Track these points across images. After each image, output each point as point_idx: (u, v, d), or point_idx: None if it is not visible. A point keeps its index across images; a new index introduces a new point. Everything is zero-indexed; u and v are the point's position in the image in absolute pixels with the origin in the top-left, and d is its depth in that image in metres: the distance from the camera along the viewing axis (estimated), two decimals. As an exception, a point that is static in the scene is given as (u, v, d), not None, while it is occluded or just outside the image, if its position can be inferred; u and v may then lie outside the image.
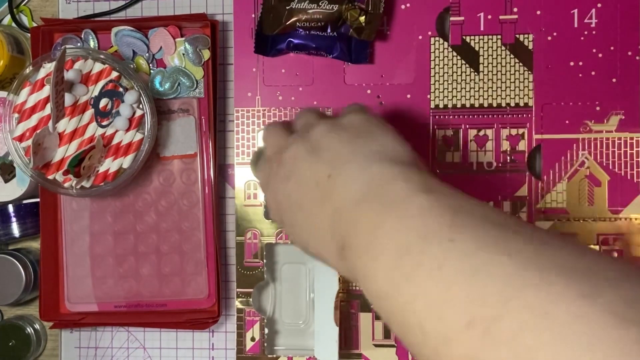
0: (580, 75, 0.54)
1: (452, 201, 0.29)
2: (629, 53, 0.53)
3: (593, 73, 0.54)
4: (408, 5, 0.55)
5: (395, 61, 0.55)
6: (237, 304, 0.55)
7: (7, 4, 0.61)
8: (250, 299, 0.55)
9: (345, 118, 0.39)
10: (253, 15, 0.56)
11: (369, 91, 0.55)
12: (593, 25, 0.54)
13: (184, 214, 0.58)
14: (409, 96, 0.55)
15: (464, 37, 0.55)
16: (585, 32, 0.54)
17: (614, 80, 0.53)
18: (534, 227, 0.28)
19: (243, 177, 0.56)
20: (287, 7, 0.53)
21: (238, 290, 0.55)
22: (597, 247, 0.52)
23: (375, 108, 0.55)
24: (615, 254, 0.52)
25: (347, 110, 0.42)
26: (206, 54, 0.57)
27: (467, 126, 0.55)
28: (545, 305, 0.22)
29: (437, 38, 0.55)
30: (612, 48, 0.53)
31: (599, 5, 0.53)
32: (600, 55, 0.53)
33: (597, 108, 0.54)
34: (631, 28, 0.53)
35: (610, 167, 0.54)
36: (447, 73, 0.55)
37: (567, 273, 0.23)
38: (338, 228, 0.33)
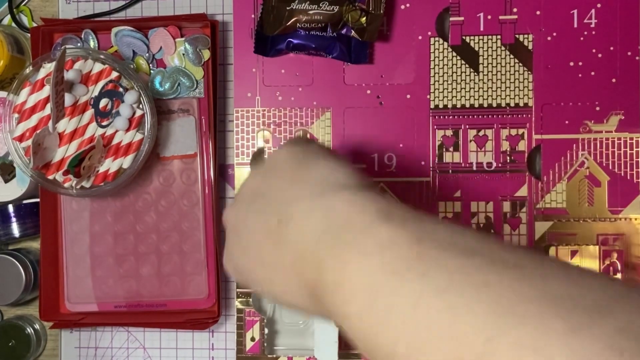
0: (580, 75, 0.54)
1: (414, 226, 0.27)
2: (629, 53, 0.53)
3: (593, 73, 0.54)
4: (408, 5, 0.55)
5: (395, 61, 0.55)
6: (237, 304, 0.55)
7: (7, 4, 0.61)
8: (250, 299, 0.55)
9: (278, 154, 0.37)
10: (253, 16, 0.56)
11: (368, 91, 0.55)
12: (593, 25, 0.54)
13: (184, 214, 0.58)
14: (408, 96, 0.55)
15: (463, 37, 0.55)
16: (585, 33, 0.54)
17: (613, 80, 0.53)
18: (500, 245, 0.25)
19: (243, 177, 0.56)
20: (288, 8, 0.53)
21: (238, 290, 0.55)
22: (596, 247, 0.52)
23: (375, 108, 0.55)
24: (616, 255, 0.52)
25: (279, 146, 0.40)
26: (206, 54, 0.57)
27: (467, 126, 0.55)
28: (535, 342, 0.20)
29: (436, 38, 0.55)
30: (611, 48, 0.53)
31: (599, 5, 0.53)
32: (600, 55, 0.54)
33: (597, 108, 0.54)
34: (631, 28, 0.53)
35: (610, 168, 0.54)
36: (447, 73, 0.55)
37: (552, 303, 0.21)
38: (304, 273, 0.30)
